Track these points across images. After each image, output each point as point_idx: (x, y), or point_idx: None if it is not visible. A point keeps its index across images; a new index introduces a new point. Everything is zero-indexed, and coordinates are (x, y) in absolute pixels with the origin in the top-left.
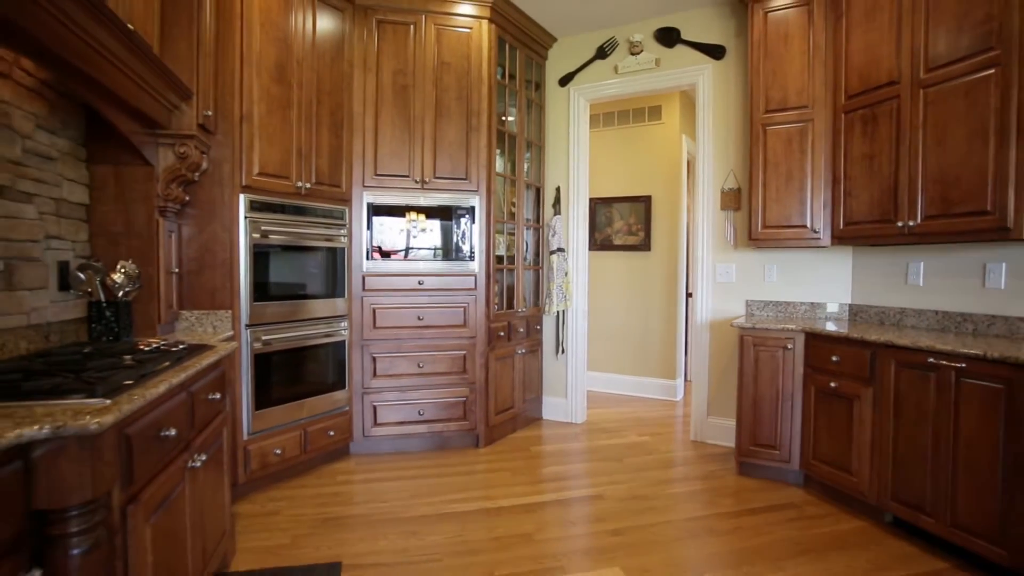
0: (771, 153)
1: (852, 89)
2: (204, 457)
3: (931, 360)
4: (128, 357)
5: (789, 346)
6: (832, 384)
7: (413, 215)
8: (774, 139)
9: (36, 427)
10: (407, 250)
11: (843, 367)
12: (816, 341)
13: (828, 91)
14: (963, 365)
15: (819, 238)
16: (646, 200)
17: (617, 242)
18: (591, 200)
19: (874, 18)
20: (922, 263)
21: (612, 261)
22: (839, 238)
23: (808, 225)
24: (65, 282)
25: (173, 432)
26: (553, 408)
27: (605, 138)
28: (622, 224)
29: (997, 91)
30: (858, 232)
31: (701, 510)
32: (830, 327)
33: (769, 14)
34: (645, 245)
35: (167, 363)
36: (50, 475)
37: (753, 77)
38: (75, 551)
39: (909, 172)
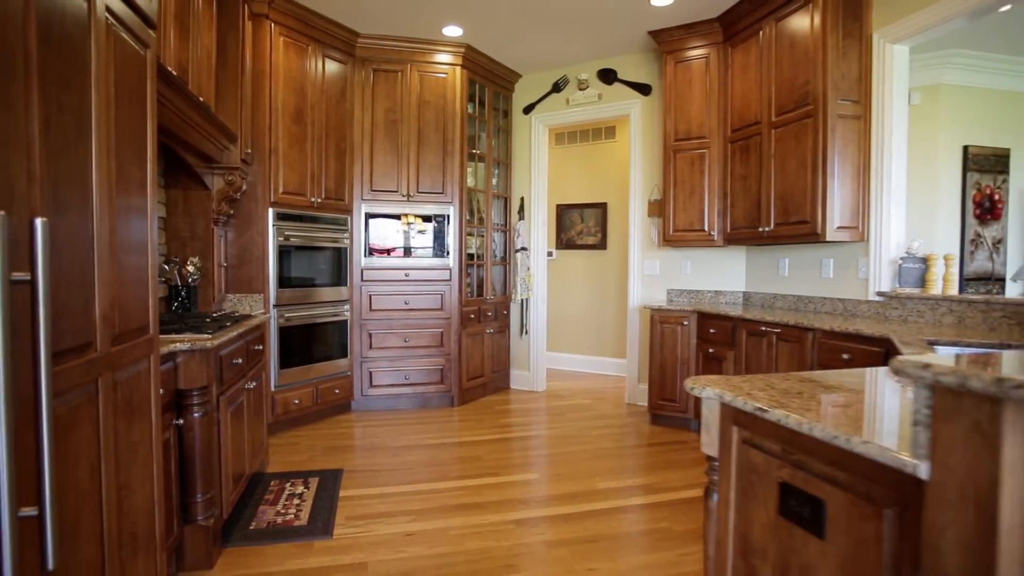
0: (679, 172)
1: (735, 125)
2: (254, 384)
3: (763, 328)
4: (207, 319)
5: (685, 323)
6: (711, 350)
7: (401, 221)
8: (681, 162)
9: (182, 344)
10: (396, 249)
11: (717, 336)
12: (703, 318)
13: (720, 125)
14: (779, 331)
15: (714, 240)
16: (603, 206)
17: (579, 242)
18: (558, 206)
19: (747, 73)
20: (787, 259)
21: (575, 258)
22: (728, 240)
23: (706, 230)
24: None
25: (239, 361)
26: (518, 379)
27: (570, 153)
28: (583, 227)
29: (811, 135)
30: (738, 235)
31: (610, 443)
32: (724, 309)
33: (678, 63)
34: (602, 244)
35: (230, 323)
36: (186, 370)
37: (666, 112)
38: (196, 414)
39: (766, 190)
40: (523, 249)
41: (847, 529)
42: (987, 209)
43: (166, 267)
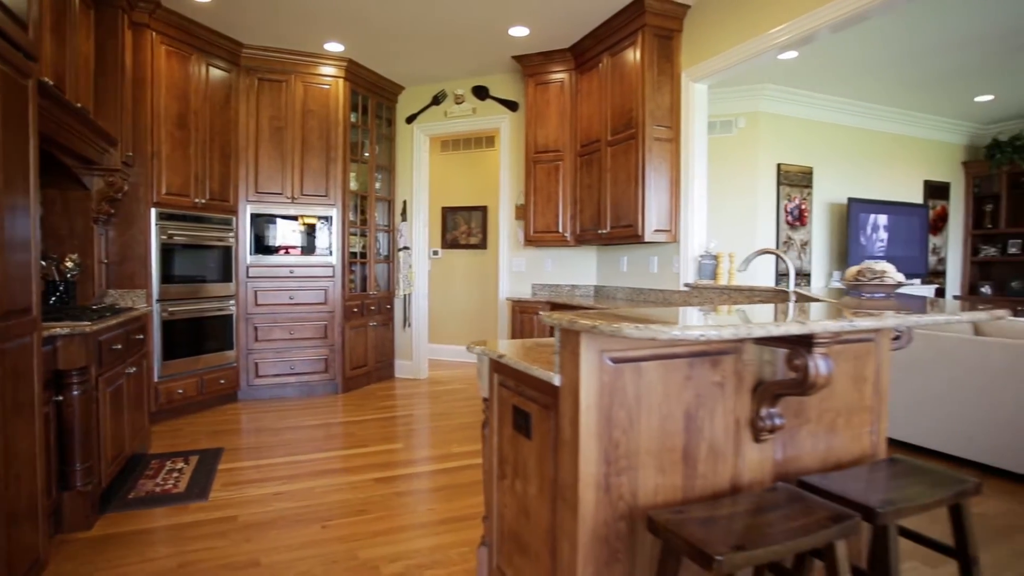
0: (538, 181)
1: (582, 141)
2: (134, 369)
3: None
4: (88, 310)
5: (540, 312)
6: None
7: (286, 222)
8: (540, 171)
9: (61, 329)
10: (282, 248)
11: None
12: (553, 308)
13: (572, 140)
14: None
15: (568, 240)
16: (483, 209)
17: (463, 242)
18: (444, 208)
19: (591, 97)
20: (626, 257)
21: (459, 257)
22: (578, 240)
23: (560, 231)
24: None
25: (119, 347)
26: (402, 368)
27: (455, 159)
28: (466, 228)
29: (635, 153)
30: (585, 236)
31: (473, 419)
32: (576, 300)
33: (538, 85)
34: (483, 244)
35: (110, 314)
36: (65, 352)
37: (527, 127)
38: (75, 392)
39: (604, 198)
40: (406, 248)
41: (539, 429)
42: (796, 217)
43: (43, 263)
